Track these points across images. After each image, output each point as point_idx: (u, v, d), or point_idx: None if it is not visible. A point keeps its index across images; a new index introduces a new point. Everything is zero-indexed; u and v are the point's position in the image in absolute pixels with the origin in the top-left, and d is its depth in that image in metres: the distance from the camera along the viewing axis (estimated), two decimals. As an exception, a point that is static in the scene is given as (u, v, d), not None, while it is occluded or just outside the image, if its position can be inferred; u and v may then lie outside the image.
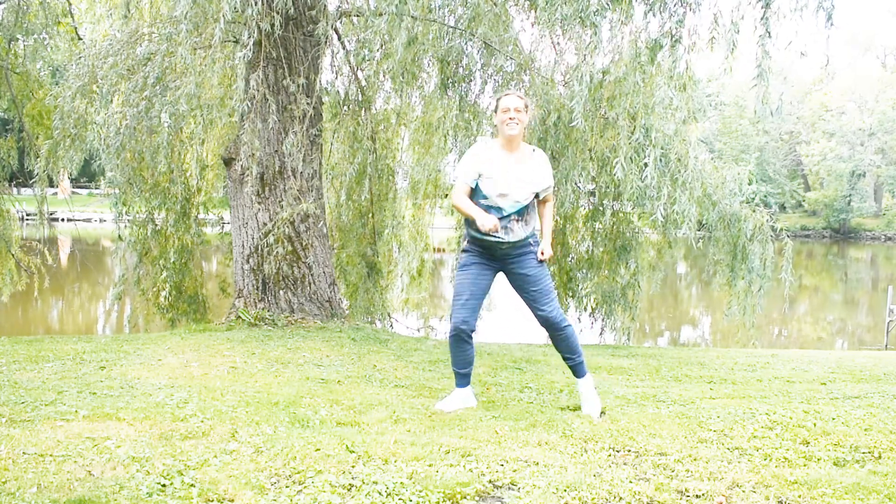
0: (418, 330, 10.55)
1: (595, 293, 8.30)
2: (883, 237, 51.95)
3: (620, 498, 2.56)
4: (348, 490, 2.57)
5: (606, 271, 8.21)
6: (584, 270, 8.48)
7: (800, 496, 2.60)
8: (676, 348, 10.21)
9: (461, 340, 3.85)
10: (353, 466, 2.78)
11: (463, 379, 3.94)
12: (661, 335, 16.13)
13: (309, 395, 4.02)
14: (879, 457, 3.07)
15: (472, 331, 3.86)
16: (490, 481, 2.70)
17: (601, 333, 8.55)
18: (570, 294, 8.51)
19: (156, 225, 8.66)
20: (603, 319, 8.44)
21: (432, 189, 9.27)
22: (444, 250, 10.65)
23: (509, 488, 2.66)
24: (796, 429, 3.41)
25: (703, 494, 2.61)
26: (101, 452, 2.81)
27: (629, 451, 3.11)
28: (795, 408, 3.88)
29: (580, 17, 5.73)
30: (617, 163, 6.32)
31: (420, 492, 2.56)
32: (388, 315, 9.52)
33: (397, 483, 2.62)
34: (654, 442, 3.21)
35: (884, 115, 52.87)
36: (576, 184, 7.51)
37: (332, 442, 3.04)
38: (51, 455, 2.75)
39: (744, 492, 2.64)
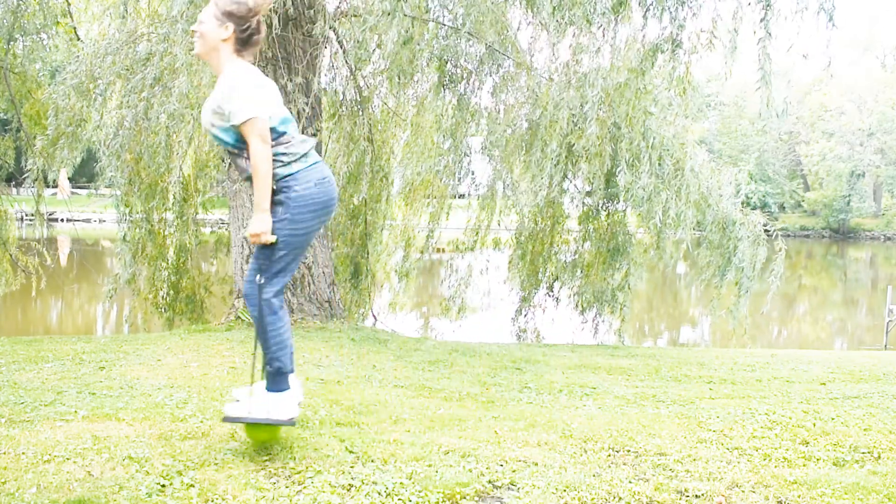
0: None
1: (584, 293, 8.32)
2: (882, 237, 51.88)
3: (620, 498, 2.56)
4: (348, 490, 2.57)
5: (598, 272, 8.23)
6: (576, 270, 8.50)
7: (799, 496, 2.60)
8: (676, 348, 10.21)
9: None
10: (352, 466, 2.78)
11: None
12: (661, 335, 16.13)
13: (308, 396, 4.01)
14: (879, 457, 3.07)
15: None
16: (489, 481, 2.70)
17: (595, 334, 8.57)
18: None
19: (152, 225, 8.63)
20: (594, 319, 8.47)
21: (424, 190, 9.25)
22: (443, 250, 10.63)
23: (509, 488, 2.66)
24: (796, 429, 3.41)
25: (702, 494, 2.61)
26: (101, 453, 2.81)
27: (628, 451, 3.11)
28: (795, 408, 3.89)
29: (587, 21, 5.73)
30: (620, 171, 6.34)
31: (420, 492, 2.56)
32: (375, 317, 9.49)
33: (397, 483, 2.62)
34: (653, 442, 3.21)
35: (883, 116, 52.81)
36: (563, 179, 7.52)
37: (332, 442, 3.04)
38: (50, 455, 2.75)
39: (743, 492, 2.64)
